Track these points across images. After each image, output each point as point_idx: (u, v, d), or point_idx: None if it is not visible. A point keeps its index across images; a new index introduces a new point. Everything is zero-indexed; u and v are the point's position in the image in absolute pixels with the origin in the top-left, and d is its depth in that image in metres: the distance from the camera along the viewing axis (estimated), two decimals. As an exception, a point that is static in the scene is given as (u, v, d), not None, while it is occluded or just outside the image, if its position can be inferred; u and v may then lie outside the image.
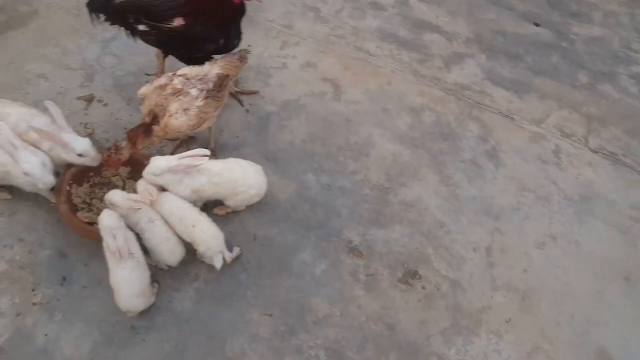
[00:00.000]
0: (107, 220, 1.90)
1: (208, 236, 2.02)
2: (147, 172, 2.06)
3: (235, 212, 2.33)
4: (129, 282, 1.87)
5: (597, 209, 2.66)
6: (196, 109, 2.11)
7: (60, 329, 1.95)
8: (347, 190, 2.50)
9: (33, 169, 1.96)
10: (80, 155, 2.10)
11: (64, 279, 2.07)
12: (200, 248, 2.02)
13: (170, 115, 2.08)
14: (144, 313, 2.00)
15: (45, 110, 2.14)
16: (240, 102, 2.70)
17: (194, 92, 2.12)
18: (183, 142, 2.53)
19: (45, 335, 1.93)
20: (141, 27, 2.28)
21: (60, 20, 3.04)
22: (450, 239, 2.42)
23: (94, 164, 2.15)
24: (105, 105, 2.67)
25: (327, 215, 2.39)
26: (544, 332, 2.19)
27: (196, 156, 2.05)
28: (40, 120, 2.12)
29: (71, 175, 2.14)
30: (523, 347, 2.13)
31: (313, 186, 2.49)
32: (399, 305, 2.17)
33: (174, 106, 2.09)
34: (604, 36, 3.79)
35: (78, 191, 2.17)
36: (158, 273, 2.10)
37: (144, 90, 2.16)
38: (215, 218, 2.16)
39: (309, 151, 2.63)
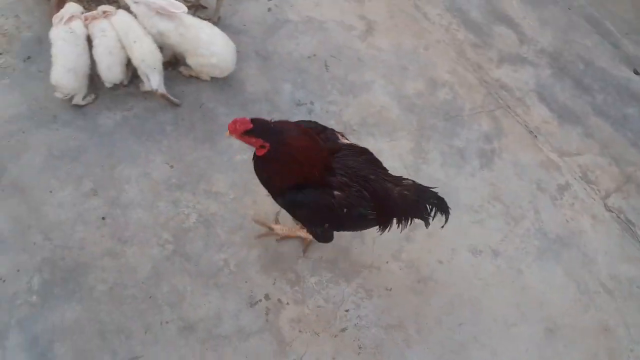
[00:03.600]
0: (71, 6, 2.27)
1: (146, 51, 2.25)
2: None
3: (198, 79, 2.50)
4: (64, 54, 2.19)
5: (567, 257, 2.41)
6: None
7: (1, 91, 2.31)
8: (313, 113, 2.55)
9: None
10: None
11: (28, 57, 2.44)
12: (135, 60, 2.26)
13: None
14: (71, 110, 2.34)
15: None
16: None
17: None
18: (193, 6, 2.75)
19: (-13, 89, 2.27)
20: None
21: None
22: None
23: None
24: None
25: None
26: (417, 314, 2.11)
27: (174, 5, 2.25)
28: None
29: None
30: (396, 315, 2.09)
31: (285, 95, 2.61)
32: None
33: None
34: None
35: None
36: (102, 90, 2.41)
37: None
38: (176, 75, 2.46)
39: (302, 67, 2.72)
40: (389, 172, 1.84)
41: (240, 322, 1.99)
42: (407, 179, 1.84)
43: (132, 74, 2.42)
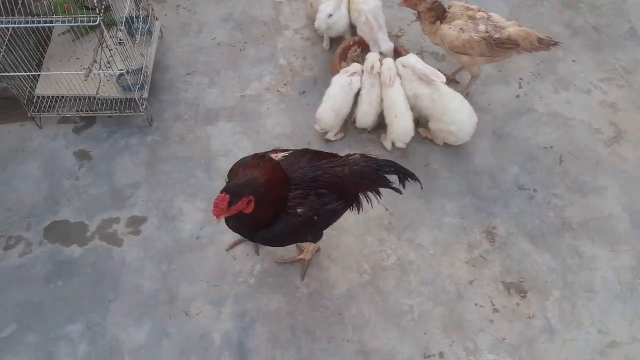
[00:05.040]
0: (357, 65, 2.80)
1: (399, 126, 2.66)
2: (400, 59, 2.72)
3: (431, 142, 2.81)
4: (335, 97, 2.69)
5: None
6: (467, 36, 2.56)
7: (275, 112, 2.96)
8: (533, 199, 2.66)
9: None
10: (381, 53, 2.88)
11: (303, 91, 3.05)
12: (393, 134, 2.70)
13: (450, 23, 2.60)
14: (321, 142, 2.82)
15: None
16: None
17: (481, 27, 2.57)
18: (447, 79, 3.01)
19: (267, 108, 2.99)
20: None
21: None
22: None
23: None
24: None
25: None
26: None
27: (436, 74, 2.61)
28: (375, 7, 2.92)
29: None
30: None
31: (509, 176, 2.73)
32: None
33: (459, 22, 2.60)
34: None
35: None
36: (350, 132, 2.87)
37: (456, 2, 2.71)
38: (414, 135, 2.73)
39: (534, 155, 2.82)
40: (334, 156, 2.00)
41: (410, 367, 2.14)
42: (352, 154, 2.01)
43: (378, 125, 2.83)
